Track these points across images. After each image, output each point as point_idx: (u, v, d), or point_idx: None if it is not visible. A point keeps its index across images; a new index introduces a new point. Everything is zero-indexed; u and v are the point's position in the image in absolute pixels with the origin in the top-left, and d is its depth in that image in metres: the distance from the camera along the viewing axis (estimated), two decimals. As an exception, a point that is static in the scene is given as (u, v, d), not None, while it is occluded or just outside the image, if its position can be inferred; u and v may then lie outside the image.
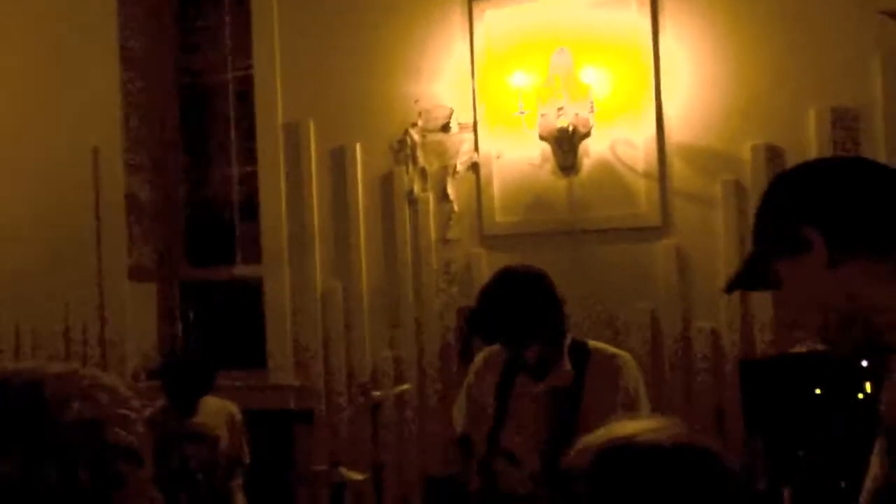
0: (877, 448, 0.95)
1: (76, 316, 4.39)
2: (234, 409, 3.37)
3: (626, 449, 0.86)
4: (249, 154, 4.35)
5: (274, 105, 4.12)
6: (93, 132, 4.36)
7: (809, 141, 3.43)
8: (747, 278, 1.20)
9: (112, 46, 4.38)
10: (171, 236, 4.63)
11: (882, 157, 3.36)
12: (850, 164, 1.19)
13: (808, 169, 1.18)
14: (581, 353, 2.36)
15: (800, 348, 3.33)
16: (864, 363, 2.99)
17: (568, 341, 2.36)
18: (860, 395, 2.87)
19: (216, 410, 3.32)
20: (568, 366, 2.33)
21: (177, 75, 4.65)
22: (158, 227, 4.59)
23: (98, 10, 4.39)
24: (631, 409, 2.31)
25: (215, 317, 4.62)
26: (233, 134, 4.55)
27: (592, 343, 2.44)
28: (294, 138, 4.09)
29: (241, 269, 4.49)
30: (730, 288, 1.23)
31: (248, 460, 3.40)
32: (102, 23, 4.38)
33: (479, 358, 2.56)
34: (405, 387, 3.61)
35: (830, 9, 3.42)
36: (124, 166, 4.40)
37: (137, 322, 4.44)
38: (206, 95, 4.67)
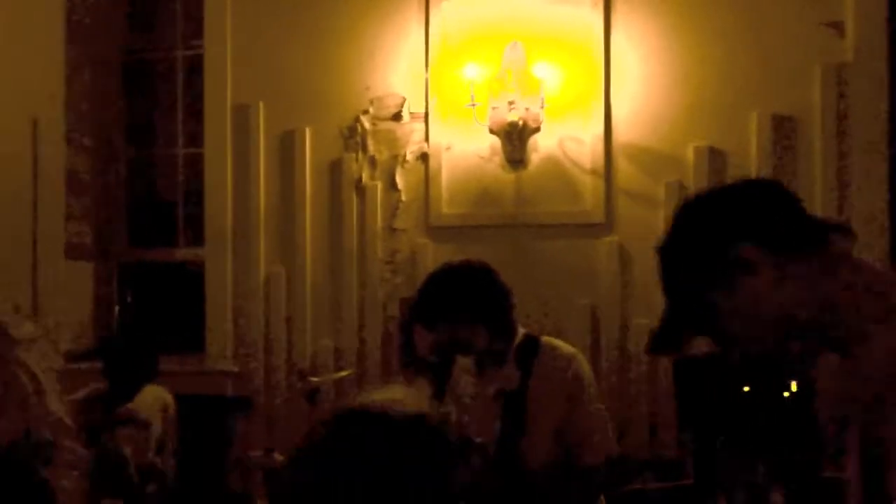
0: None
1: (8, 292, 4.24)
2: (169, 398, 3.35)
3: (359, 414, 0.95)
4: (196, 135, 4.28)
5: (224, 86, 4.06)
6: (33, 103, 4.23)
7: (750, 145, 3.52)
8: (670, 337, 1.17)
9: (58, 17, 4.26)
10: (111, 215, 4.52)
11: (818, 165, 3.47)
12: (745, 184, 1.19)
13: (716, 196, 1.17)
14: (530, 349, 2.23)
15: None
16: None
17: (519, 337, 2.24)
18: (786, 394, 2.95)
19: (152, 398, 3.31)
20: (514, 369, 2.20)
21: (124, 51, 4.54)
22: (98, 204, 4.47)
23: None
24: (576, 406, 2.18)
25: (154, 299, 4.53)
26: (179, 114, 4.47)
27: (546, 339, 2.28)
28: (243, 121, 4.03)
29: (183, 252, 4.41)
30: (655, 349, 1.23)
31: (174, 447, 3.38)
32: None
33: None
34: (345, 373, 3.58)
35: (776, 19, 3.52)
36: (65, 140, 4.28)
37: (72, 301, 4.32)
38: (154, 73, 4.57)
